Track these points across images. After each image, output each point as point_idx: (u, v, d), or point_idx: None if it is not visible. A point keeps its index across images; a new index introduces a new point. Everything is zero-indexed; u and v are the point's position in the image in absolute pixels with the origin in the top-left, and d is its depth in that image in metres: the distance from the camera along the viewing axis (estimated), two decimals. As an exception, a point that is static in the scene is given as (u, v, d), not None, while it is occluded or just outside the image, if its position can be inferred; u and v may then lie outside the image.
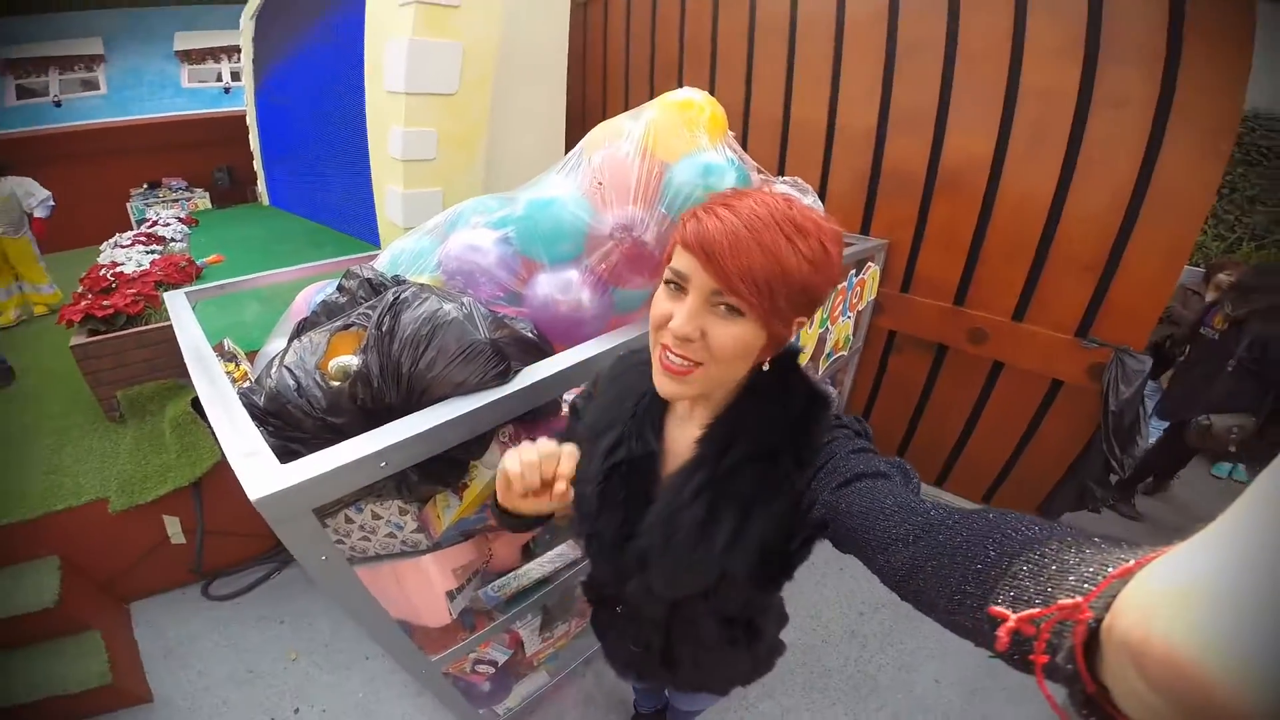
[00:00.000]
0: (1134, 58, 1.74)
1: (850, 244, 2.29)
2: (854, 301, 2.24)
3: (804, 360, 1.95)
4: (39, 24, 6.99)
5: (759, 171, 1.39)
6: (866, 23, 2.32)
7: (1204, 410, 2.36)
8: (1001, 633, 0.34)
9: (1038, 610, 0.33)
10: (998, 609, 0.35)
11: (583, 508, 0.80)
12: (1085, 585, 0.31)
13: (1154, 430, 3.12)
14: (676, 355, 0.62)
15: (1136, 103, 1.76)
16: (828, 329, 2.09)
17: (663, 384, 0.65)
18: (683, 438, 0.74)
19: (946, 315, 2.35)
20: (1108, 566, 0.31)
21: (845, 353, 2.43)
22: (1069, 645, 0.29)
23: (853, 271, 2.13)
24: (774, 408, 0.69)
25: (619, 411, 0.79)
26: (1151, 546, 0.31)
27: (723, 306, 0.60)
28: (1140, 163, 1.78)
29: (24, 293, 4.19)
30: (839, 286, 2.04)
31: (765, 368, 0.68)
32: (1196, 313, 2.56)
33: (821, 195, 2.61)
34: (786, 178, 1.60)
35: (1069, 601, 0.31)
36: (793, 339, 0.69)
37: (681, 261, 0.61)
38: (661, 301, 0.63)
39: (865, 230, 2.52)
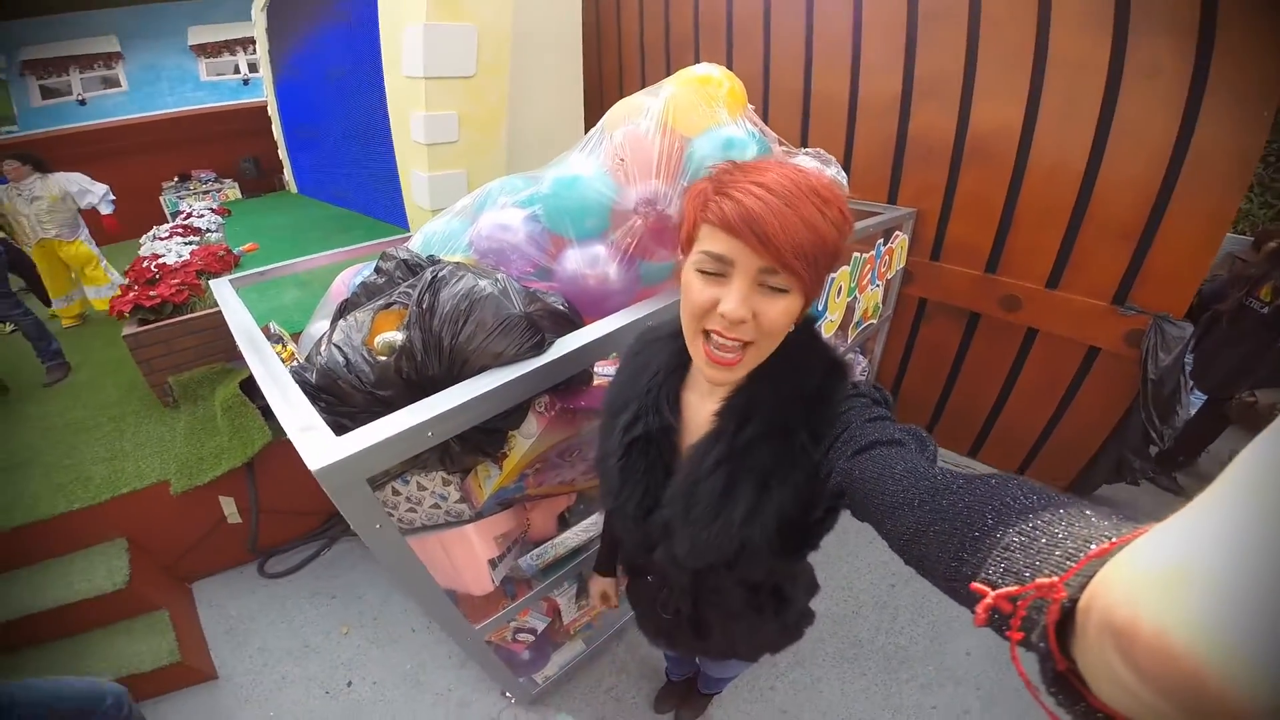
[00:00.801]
0: (1166, 28, 1.68)
1: (878, 213, 2.26)
2: (882, 270, 2.22)
3: (832, 330, 1.96)
4: (53, 25, 7.17)
5: (780, 143, 1.39)
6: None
7: (1250, 386, 2.26)
8: (979, 609, 0.34)
9: (1015, 589, 0.32)
10: (977, 584, 0.36)
11: (606, 483, 0.82)
12: (1068, 562, 0.31)
13: (1195, 400, 3.05)
14: (729, 339, 0.62)
15: (1171, 71, 1.70)
16: (856, 297, 2.08)
17: (712, 374, 0.66)
18: (701, 411, 0.75)
19: (978, 283, 2.32)
20: (1089, 544, 0.31)
21: (874, 321, 2.42)
22: (1043, 624, 0.29)
23: (880, 240, 2.11)
24: (791, 380, 0.68)
25: (635, 387, 0.80)
26: (1138, 524, 0.31)
27: (767, 285, 0.60)
28: (1178, 131, 1.72)
29: (86, 298, 4.07)
30: (867, 255, 2.03)
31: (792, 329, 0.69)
32: (1239, 283, 2.43)
33: (846, 166, 2.57)
34: (809, 149, 1.59)
35: (1045, 581, 0.30)
36: (819, 310, 0.70)
37: (721, 245, 0.60)
38: (701, 289, 0.62)
39: (892, 199, 2.49)
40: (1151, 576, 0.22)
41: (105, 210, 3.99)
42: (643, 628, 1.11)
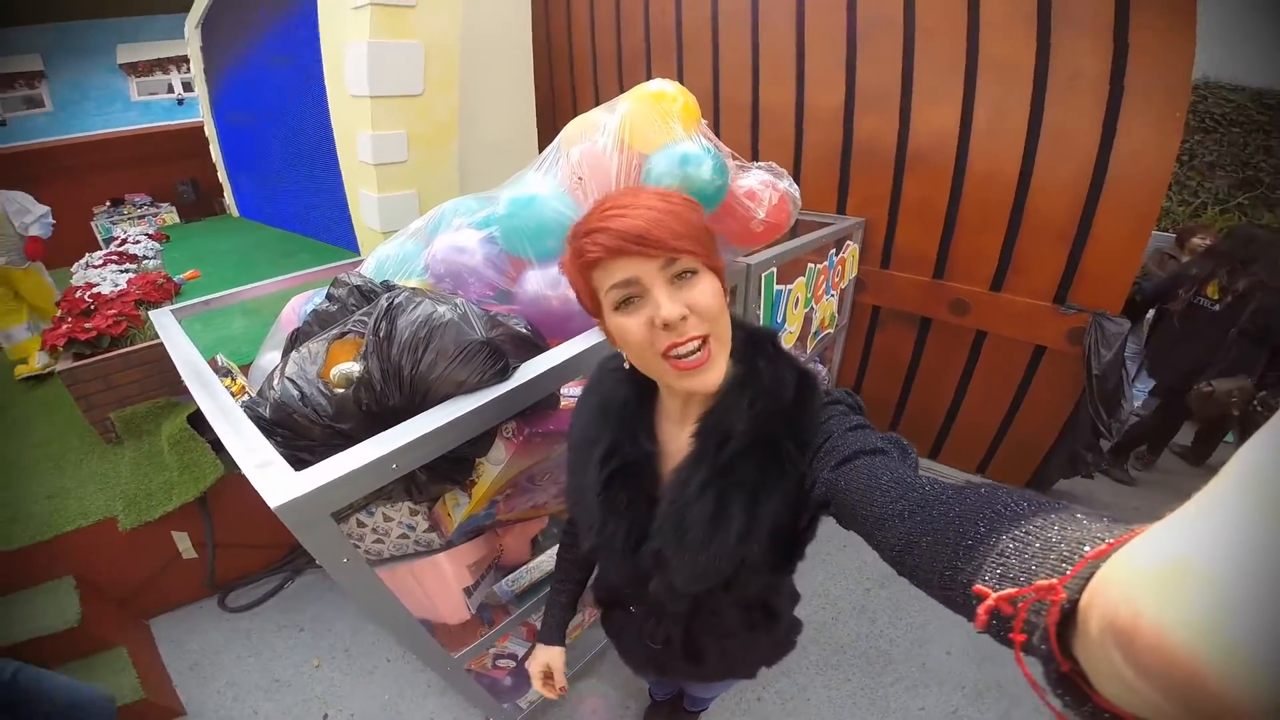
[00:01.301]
0: (1086, 29, 1.80)
1: (829, 223, 2.33)
2: (836, 280, 2.28)
3: (792, 341, 2.00)
4: None
5: (734, 158, 1.42)
6: (825, 4, 2.35)
7: (1208, 378, 2.38)
8: (981, 611, 0.34)
9: (1015, 590, 0.33)
10: (980, 587, 0.36)
11: (585, 519, 0.80)
12: (1064, 565, 0.32)
13: (1138, 393, 3.23)
14: (685, 341, 0.62)
15: (1091, 75, 1.81)
16: (813, 308, 2.13)
17: (690, 382, 0.65)
18: (678, 436, 0.74)
19: (927, 288, 2.40)
20: (1084, 545, 0.32)
21: (832, 330, 2.48)
22: (1044, 625, 0.30)
23: (832, 250, 2.17)
24: (765, 394, 0.69)
25: (604, 420, 0.79)
26: (1128, 524, 0.32)
27: (677, 276, 0.63)
28: (1100, 133, 1.84)
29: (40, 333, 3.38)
30: (820, 266, 2.08)
31: (760, 360, 0.71)
32: (1183, 283, 2.55)
33: (796, 176, 2.63)
34: (761, 163, 1.63)
35: (1045, 583, 0.31)
36: (778, 323, 0.73)
37: (620, 271, 0.62)
38: (630, 322, 0.64)
39: (841, 209, 2.56)
40: (1151, 574, 0.22)
41: (38, 232, 3.46)
42: (627, 659, 1.07)
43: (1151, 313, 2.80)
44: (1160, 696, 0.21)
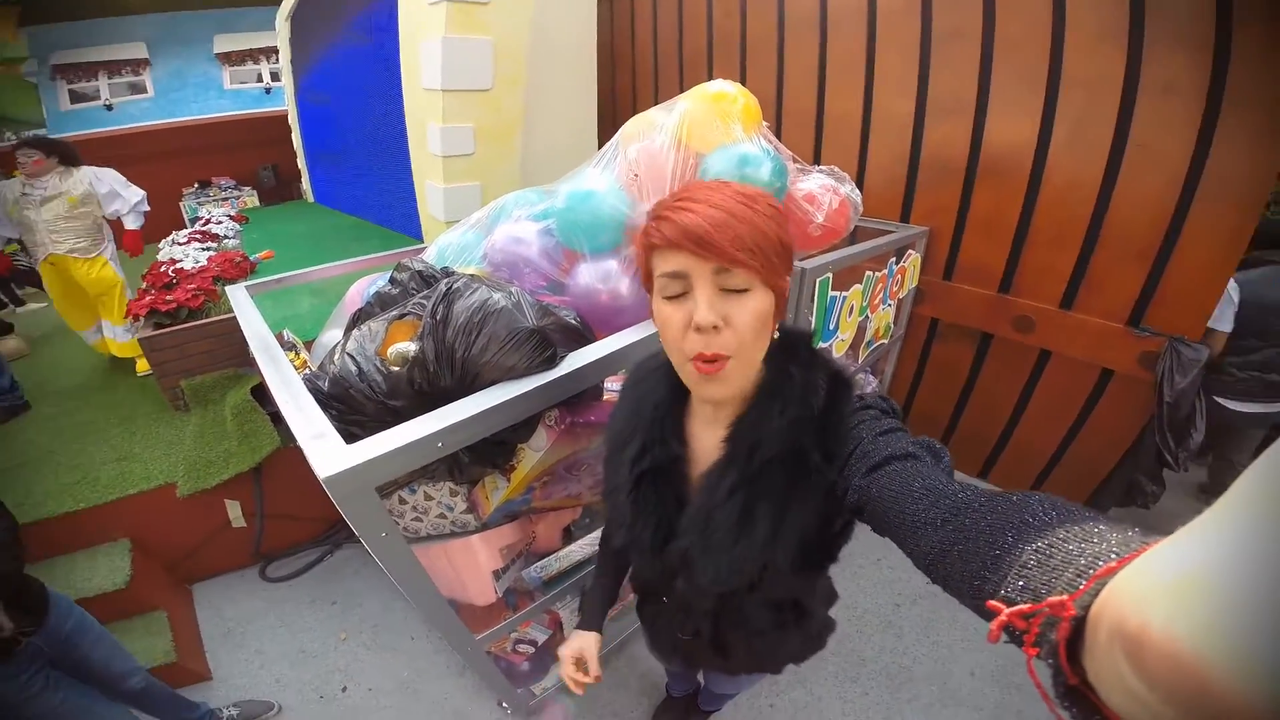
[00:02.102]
0: (1181, 44, 1.68)
1: (890, 231, 2.26)
2: (894, 289, 2.21)
3: (843, 349, 1.95)
4: (84, 30, 7.33)
5: (795, 161, 1.39)
6: (899, 12, 2.29)
7: None
8: (993, 625, 0.35)
9: (1027, 607, 0.33)
10: (993, 602, 0.36)
11: (617, 517, 0.82)
12: (1079, 580, 0.32)
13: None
14: (709, 356, 0.62)
15: (1186, 89, 1.69)
16: (868, 317, 2.07)
17: (703, 389, 0.66)
18: (709, 439, 0.75)
19: (991, 303, 2.30)
20: (1100, 560, 0.32)
21: (885, 341, 2.41)
22: (1053, 640, 0.30)
23: (892, 259, 2.11)
24: (797, 400, 0.68)
25: (639, 420, 0.79)
26: (1145, 538, 0.32)
27: (730, 288, 0.61)
28: (1193, 148, 1.72)
29: (104, 338, 3.15)
30: (879, 275, 2.02)
31: (776, 336, 0.69)
32: None
33: (859, 184, 2.57)
34: (824, 166, 1.60)
35: (1056, 599, 0.31)
36: (830, 330, 0.71)
37: (673, 262, 0.62)
38: (671, 314, 0.64)
39: (905, 218, 2.49)
40: (1162, 585, 0.22)
41: (131, 224, 3.11)
42: (656, 647, 1.09)
43: None
44: (1168, 705, 0.21)
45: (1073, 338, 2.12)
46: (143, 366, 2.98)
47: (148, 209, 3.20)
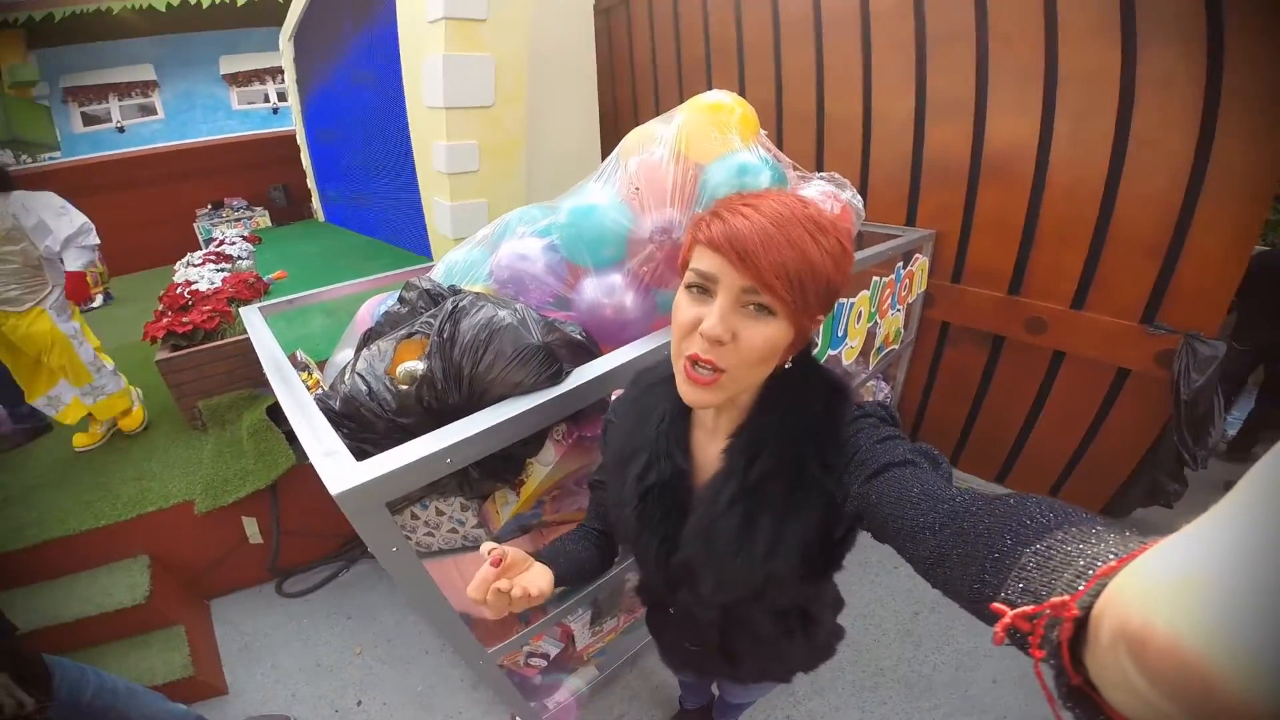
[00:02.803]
0: (1174, 36, 1.67)
1: (897, 235, 2.26)
2: (903, 294, 2.20)
3: (853, 356, 1.94)
4: (91, 52, 7.53)
5: (795, 168, 1.40)
6: (893, 13, 2.30)
7: None
8: (998, 628, 0.35)
9: (1030, 609, 0.33)
10: (997, 605, 0.36)
11: (622, 531, 0.82)
12: (1079, 581, 0.32)
13: (1232, 420, 2.96)
14: (703, 363, 0.61)
15: (1184, 80, 1.68)
16: (876, 323, 2.06)
17: (688, 393, 0.65)
18: (711, 449, 0.75)
19: (1001, 305, 2.29)
20: (1098, 561, 0.32)
21: (896, 347, 2.40)
22: (1056, 640, 0.30)
23: (900, 263, 2.10)
24: (795, 411, 0.68)
25: (642, 434, 0.79)
26: (1143, 538, 0.32)
27: (753, 306, 0.59)
28: (1196, 141, 1.70)
29: (77, 401, 2.52)
30: (886, 279, 2.02)
31: (788, 366, 0.68)
32: None
33: (862, 188, 2.57)
34: (824, 173, 1.60)
35: (1059, 600, 0.31)
36: (839, 337, 0.70)
37: (707, 262, 0.60)
38: (686, 307, 0.62)
39: (910, 221, 2.48)
40: (1165, 584, 0.22)
41: (70, 264, 2.39)
42: (666, 658, 1.09)
43: None
44: (1172, 705, 0.21)
45: (1086, 338, 2.10)
46: (81, 440, 2.60)
47: (96, 242, 2.47)
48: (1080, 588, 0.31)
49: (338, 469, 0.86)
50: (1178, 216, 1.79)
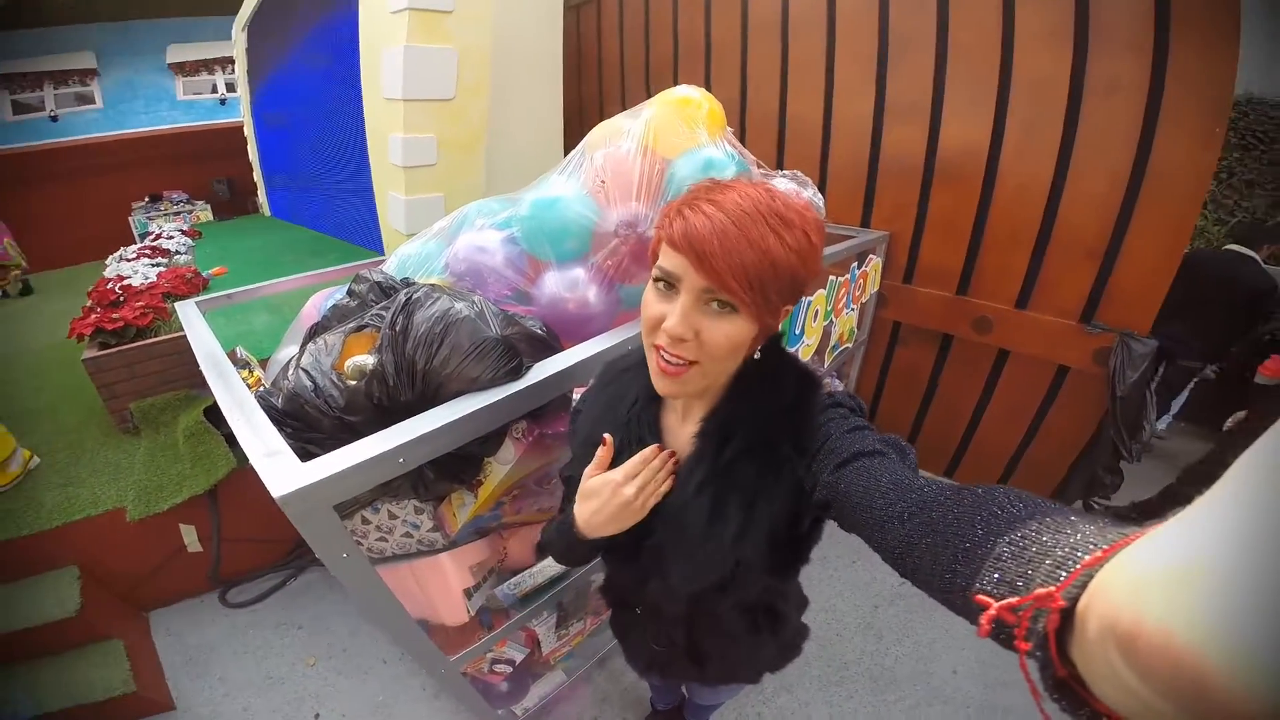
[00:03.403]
0: (1123, 44, 1.76)
1: (851, 236, 2.30)
2: (857, 294, 2.25)
3: (809, 354, 1.97)
4: (31, 39, 7.04)
5: (759, 166, 1.41)
6: (857, 17, 2.35)
7: None
8: (983, 620, 0.35)
9: (1016, 600, 0.33)
10: (982, 597, 0.36)
11: None
12: (1060, 571, 0.32)
13: (1163, 418, 3.14)
14: (671, 355, 0.62)
15: (1128, 89, 1.77)
16: (832, 322, 2.10)
17: (661, 384, 0.66)
18: (682, 434, 0.74)
19: (950, 305, 2.36)
20: (1079, 551, 0.32)
21: (850, 345, 2.45)
22: (1041, 631, 0.30)
23: (854, 263, 2.14)
24: (766, 396, 0.69)
25: (613, 418, 0.79)
26: (1122, 529, 0.32)
27: (715, 304, 0.60)
28: (1135, 149, 1.79)
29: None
30: (842, 279, 2.05)
31: (756, 356, 0.69)
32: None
33: (821, 187, 2.62)
34: (786, 171, 1.62)
35: (1044, 591, 0.31)
36: (796, 335, 0.70)
37: (670, 261, 0.60)
38: (653, 303, 0.63)
39: (866, 222, 2.53)
40: (1154, 576, 0.22)
41: None
42: (632, 661, 1.07)
43: None
44: (1162, 699, 0.21)
45: (1029, 336, 2.18)
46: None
47: None
48: (1062, 578, 0.31)
49: (281, 470, 0.81)
50: (1116, 219, 1.88)
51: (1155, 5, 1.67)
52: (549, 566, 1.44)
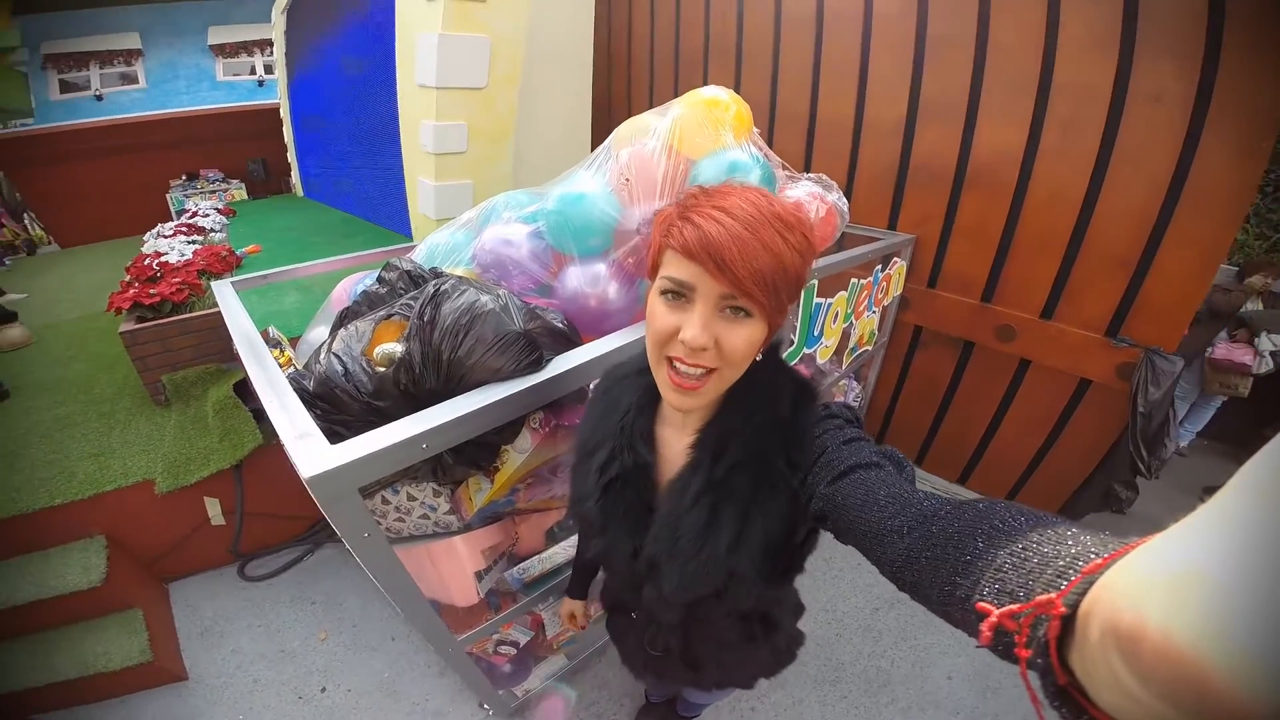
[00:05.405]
0: (1171, 52, 1.70)
1: (877, 239, 2.29)
2: (879, 297, 2.23)
3: (827, 355, 1.96)
4: (77, 20, 7.23)
5: (784, 168, 1.41)
6: (895, 16, 2.31)
7: None
8: (984, 627, 0.34)
9: (1017, 607, 0.33)
10: (983, 604, 0.36)
11: (586, 526, 0.81)
12: (1060, 580, 0.32)
13: (1184, 433, 3.08)
14: (689, 366, 0.61)
15: (1173, 98, 1.71)
16: (852, 324, 2.09)
17: (677, 400, 0.65)
18: (677, 445, 0.75)
19: (974, 312, 2.33)
20: (1079, 560, 0.32)
21: (870, 348, 2.43)
22: (1042, 638, 0.30)
23: (878, 266, 2.13)
24: (762, 408, 0.69)
25: (608, 426, 0.79)
26: (1123, 539, 0.32)
27: (729, 309, 0.60)
28: (1177, 159, 1.74)
29: None
30: (864, 282, 2.04)
31: (757, 360, 0.69)
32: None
33: (848, 190, 2.60)
34: (811, 174, 1.61)
35: (1044, 597, 0.31)
36: (815, 336, 0.71)
37: (683, 270, 0.59)
38: (664, 315, 0.62)
39: (893, 225, 2.51)
40: (1158, 581, 0.22)
41: None
42: (628, 664, 1.08)
43: None
44: (1164, 704, 0.21)
45: (1053, 348, 2.15)
46: None
47: None
48: (1063, 586, 0.31)
49: (311, 452, 0.84)
50: (1150, 233, 1.84)
51: (1209, 13, 1.61)
52: (558, 553, 1.48)
